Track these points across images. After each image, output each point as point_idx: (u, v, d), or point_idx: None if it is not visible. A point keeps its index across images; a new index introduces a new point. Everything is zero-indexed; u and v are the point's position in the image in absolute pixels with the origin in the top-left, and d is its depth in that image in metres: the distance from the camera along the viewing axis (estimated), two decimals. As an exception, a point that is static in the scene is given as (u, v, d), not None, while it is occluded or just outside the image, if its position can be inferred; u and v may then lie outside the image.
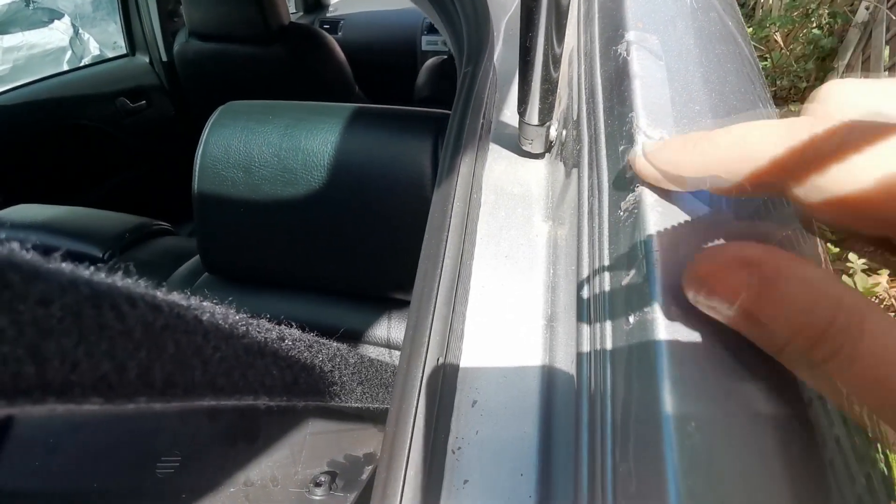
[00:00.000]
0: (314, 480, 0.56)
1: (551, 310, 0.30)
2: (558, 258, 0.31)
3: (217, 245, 0.61)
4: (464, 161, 0.33)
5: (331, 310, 0.61)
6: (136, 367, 0.13)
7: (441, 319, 0.27)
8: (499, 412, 0.27)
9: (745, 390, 0.19)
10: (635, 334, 0.20)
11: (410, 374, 0.25)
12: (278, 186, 0.56)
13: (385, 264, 0.57)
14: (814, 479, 0.18)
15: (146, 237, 0.79)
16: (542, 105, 0.32)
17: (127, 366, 0.12)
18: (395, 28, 2.03)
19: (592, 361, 0.22)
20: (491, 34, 0.41)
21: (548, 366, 0.28)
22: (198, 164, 0.58)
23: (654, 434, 0.17)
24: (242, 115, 0.58)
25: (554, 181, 0.35)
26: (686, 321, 0.19)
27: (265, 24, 1.39)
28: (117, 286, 0.13)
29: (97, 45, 2.57)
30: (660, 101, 0.26)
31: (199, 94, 1.59)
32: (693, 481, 0.16)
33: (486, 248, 0.33)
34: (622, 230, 0.23)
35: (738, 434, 0.18)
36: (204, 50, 1.48)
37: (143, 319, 0.13)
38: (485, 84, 0.37)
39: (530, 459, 0.25)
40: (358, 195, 0.54)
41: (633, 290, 0.21)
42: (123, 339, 0.12)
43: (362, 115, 0.55)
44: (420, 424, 0.24)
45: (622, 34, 0.30)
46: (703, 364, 0.19)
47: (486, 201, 0.35)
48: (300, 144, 0.55)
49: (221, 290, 0.63)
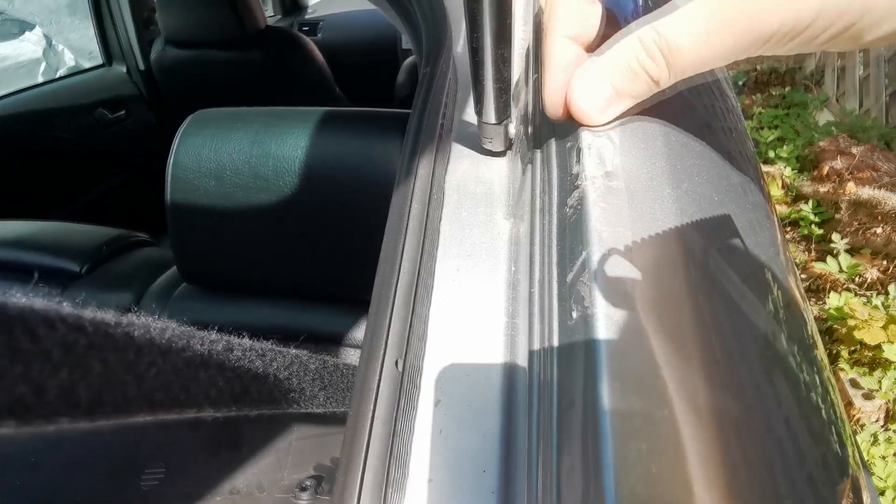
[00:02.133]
0: (300, 485, 0.56)
1: (512, 307, 0.30)
2: (519, 255, 0.31)
3: (192, 255, 0.61)
4: (422, 162, 0.33)
5: (309, 314, 0.61)
6: (57, 388, 0.13)
7: (399, 321, 0.27)
8: (462, 411, 0.27)
9: (687, 382, 0.19)
10: (578, 329, 0.20)
11: (367, 377, 0.25)
12: (251, 193, 0.55)
13: (360, 266, 0.57)
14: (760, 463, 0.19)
15: (124, 249, 0.79)
16: (498, 104, 0.32)
17: (46, 387, 0.12)
18: (375, 28, 2.02)
19: (542, 356, 0.23)
20: (449, 34, 0.42)
21: (509, 362, 0.28)
22: (169, 174, 0.57)
23: (594, 427, 0.18)
24: (212, 123, 0.58)
25: (514, 179, 0.36)
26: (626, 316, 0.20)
27: (241, 28, 1.38)
28: (33, 308, 0.13)
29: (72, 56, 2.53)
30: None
31: (178, 101, 1.58)
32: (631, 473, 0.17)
33: (448, 247, 0.33)
34: (569, 226, 0.24)
35: (679, 425, 0.18)
36: (181, 57, 1.47)
37: (63, 340, 0.13)
38: (443, 84, 0.37)
39: (493, 456, 0.26)
40: (329, 198, 0.54)
41: (578, 285, 0.21)
42: (40, 360, 0.12)
43: (330, 118, 0.55)
44: (378, 427, 0.24)
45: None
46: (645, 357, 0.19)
47: (449, 201, 0.35)
48: (270, 150, 0.55)
49: (199, 300, 0.63)
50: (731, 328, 0.21)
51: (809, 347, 0.26)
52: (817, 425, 0.23)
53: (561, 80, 0.24)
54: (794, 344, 0.24)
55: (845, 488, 0.22)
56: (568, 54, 0.24)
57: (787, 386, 0.23)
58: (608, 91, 0.23)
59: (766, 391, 0.21)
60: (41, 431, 0.25)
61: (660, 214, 0.23)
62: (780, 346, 0.23)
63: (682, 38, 0.21)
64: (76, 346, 0.13)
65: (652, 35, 0.21)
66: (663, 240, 0.22)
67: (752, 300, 0.24)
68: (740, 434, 0.19)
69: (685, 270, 0.22)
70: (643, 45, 0.22)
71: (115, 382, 0.15)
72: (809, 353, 0.26)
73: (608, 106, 0.24)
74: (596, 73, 0.23)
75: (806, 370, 0.24)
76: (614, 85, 0.23)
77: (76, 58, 2.49)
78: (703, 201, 0.25)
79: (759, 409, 0.20)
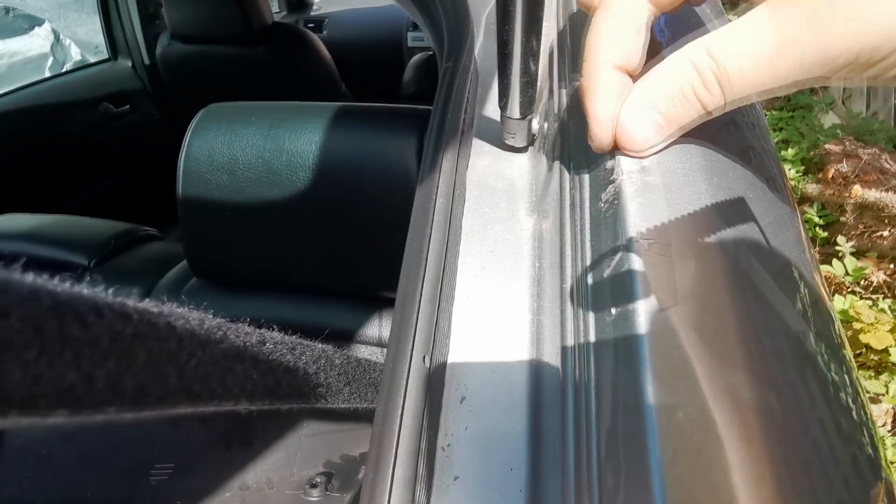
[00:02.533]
0: (310, 482, 0.56)
1: (537, 303, 0.30)
2: (543, 251, 0.31)
3: (204, 249, 0.61)
4: (446, 157, 0.32)
5: (321, 310, 0.61)
6: (105, 377, 0.12)
7: (426, 317, 0.27)
8: (487, 407, 0.27)
9: (728, 379, 0.19)
10: (618, 326, 0.20)
11: (396, 373, 0.24)
12: (263, 188, 0.55)
13: (374, 262, 0.57)
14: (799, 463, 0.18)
15: (133, 243, 0.79)
16: (523, 98, 0.32)
17: (94, 376, 0.12)
18: (380, 25, 2.02)
19: (577, 354, 0.22)
20: (471, 28, 0.41)
21: (535, 359, 0.28)
22: (181, 168, 0.57)
23: (639, 425, 0.18)
24: (225, 118, 0.58)
25: (537, 175, 0.35)
26: (667, 313, 0.19)
27: (248, 24, 1.37)
28: (82, 295, 0.12)
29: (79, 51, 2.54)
30: (638, 91, 0.26)
31: (183, 96, 1.57)
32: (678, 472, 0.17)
33: (471, 243, 0.33)
34: (603, 221, 0.23)
35: (722, 423, 0.18)
36: (187, 52, 1.47)
37: (111, 329, 0.13)
38: (465, 79, 0.37)
39: (520, 453, 0.25)
40: (344, 194, 0.53)
41: (615, 282, 0.21)
42: (89, 349, 0.12)
43: (346, 113, 0.55)
44: (408, 423, 0.23)
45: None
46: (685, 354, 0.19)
47: (470, 197, 0.35)
48: (284, 145, 0.54)
49: (210, 295, 0.63)
50: (765, 326, 0.21)
51: (837, 347, 0.26)
52: (848, 427, 0.23)
53: (609, 110, 0.23)
54: (822, 343, 0.24)
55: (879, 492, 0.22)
56: (615, 84, 0.23)
57: (819, 386, 0.22)
58: (658, 119, 0.22)
59: (800, 391, 0.21)
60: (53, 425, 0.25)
61: (697, 210, 0.22)
62: (809, 345, 0.23)
63: (741, 63, 0.19)
64: (123, 335, 0.13)
65: (707, 62, 0.20)
66: (700, 236, 0.22)
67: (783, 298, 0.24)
68: (781, 434, 0.19)
69: (722, 267, 0.22)
70: (698, 71, 0.20)
71: (158, 373, 0.14)
72: (838, 353, 0.26)
73: (658, 134, 0.23)
74: (645, 99, 0.22)
75: (835, 370, 0.24)
76: (664, 112, 0.22)
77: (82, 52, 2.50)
78: (736, 198, 0.24)
79: (796, 408, 0.20)
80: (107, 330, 0.13)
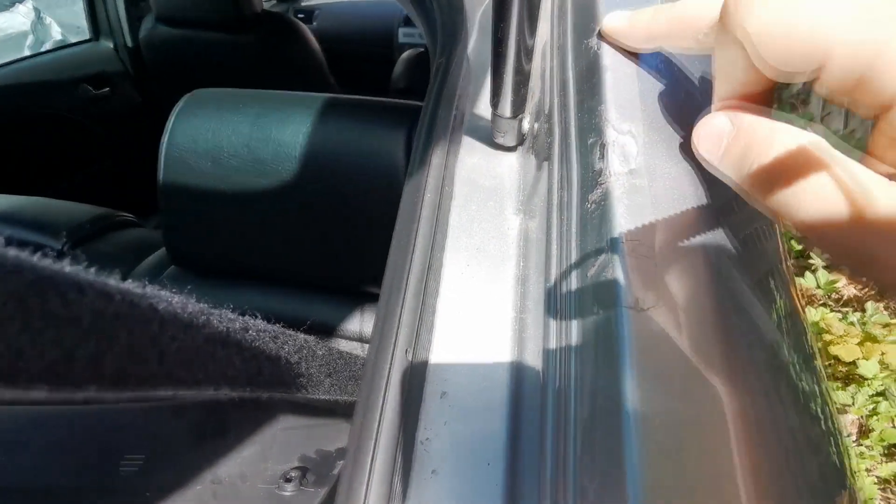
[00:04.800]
0: (284, 476, 0.55)
1: (521, 302, 0.30)
2: (529, 251, 0.31)
3: (184, 236, 0.59)
4: (435, 153, 0.32)
5: (302, 303, 0.60)
6: (86, 357, 0.12)
7: (410, 311, 0.27)
8: (468, 403, 0.27)
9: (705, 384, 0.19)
10: (600, 326, 0.20)
11: (378, 366, 0.24)
12: (248, 177, 0.54)
13: (357, 257, 0.56)
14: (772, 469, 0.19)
15: (109, 228, 0.77)
16: (515, 97, 0.32)
17: (75, 354, 0.12)
18: (371, 20, 2.01)
19: (559, 353, 0.23)
20: (465, 25, 0.41)
21: (517, 357, 0.28)
22: (163, 153, 0.56)
23: (616, 427, 0.18)
24: (211, 103, 0.57)
25: (526, 174, 0.35)
26: (649, 315, 0.20)
27: (237, 10, 1.35)
28: (64, 272, 0.12)
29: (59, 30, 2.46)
30: (629, 95, 0.26)
31: (166, 81, 1.54)
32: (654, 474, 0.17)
33: (457, 240, 0.33)
34: (590, 223, 0.24)
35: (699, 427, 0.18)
36: (172, 36, 1.44)
37: (93, 307, 0.13)
38: (457, 76, 0.37)
39: (498, 449, 0.25)
40: (330, 186, 0.53)
41: (599, 282, 0.21)
42: (71, 327, 0.12)
43: (335, 105, 0.55)
44: (388, 416, 0.23)
45: (594, 28, 0.30)
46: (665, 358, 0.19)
47: (459, 194, 0.35)
48: (271, 134, 0.54)
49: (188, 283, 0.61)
50: (742, 333, 0.22)
51: (810, 357, 0.27)
52: (818, 435, 0.24)
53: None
54: (796, 353, 0.25)
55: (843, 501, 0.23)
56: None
57: (791, 394, 0.23)
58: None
59: (773, 398, 0.22)
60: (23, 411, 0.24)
61: (682, 215, 0.23)
62: (783, 354, 0.24)
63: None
64: (104, 314, 0.13)
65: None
66: (685, 240, 0.22)
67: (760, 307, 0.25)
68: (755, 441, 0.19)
69: (704, 273, 0.22)
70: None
71: (139, 355, 0.14)
72: (810, 363, 0.26)
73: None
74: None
75: (807, 380, 0.25)
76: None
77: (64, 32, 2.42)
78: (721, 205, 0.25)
79: (770, 416, 0.21)
80: (88, 308, 0.12)
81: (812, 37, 0.16)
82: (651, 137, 0.25)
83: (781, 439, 0.20)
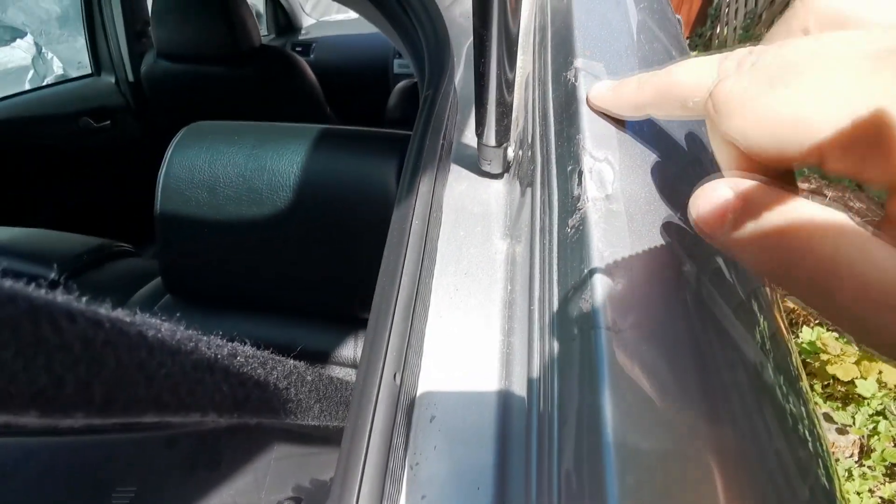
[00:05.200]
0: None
1: (508, 325, 0.31)
2: (515, 274, 0.32)
3: (180, 266, 0.60)
4: (423, 180, 0.33)
5: (297, 330, 0.60)
6: (75, 382, 0.13)
7: (398, 335, 0.27)
8: (457, 427, 0.27)
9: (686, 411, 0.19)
10: (580, 350, 0.21)
11: (366, 391, 0.25)
12: (243, 206, 0.55)
13: (350, 284, 0.57)
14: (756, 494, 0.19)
15: (106, 259, 0.77)
16: (499, 127, 0.33)
17: (65, 380, 0.12)
18: (367, 51, 2.05)
19: (542, 377, 0.23)
20: (451, 59, 0.43)
21: (505, 380, 0.28)
22: (160, 184, 0.57)
23: (597, 457, 0.18)
24: (208, 135, 0.58)
25: (512, 200, 0.36)
26: (626, 336, 0.20)
27: (236, 46, 1.39)
28: (56, 301, 0.13)
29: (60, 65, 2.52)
30: (605, 124, 0.27)
31: (167, 114, 1.57)
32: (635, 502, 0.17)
33: (446, 265, 0.34)
34: (570, 247, 0.24)
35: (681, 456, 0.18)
36: (173, 70, 1.47)
37: (83, 335, 0.13)
38: (445, 106, 0.38)
39: (487, 473, 0.26)
40: (323, 215, 0.54)
41: (579, 306, 0.22)
42: (62, 353, 0.12)
43: (328, 135, 0.56)
44: (376, 440, 0.24)
45: (571, 61, 0.31)
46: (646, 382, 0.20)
47: (447, 220, 0.36)
48: (266, 164, 0.55)
49: (183, 312, 0.62)
50: (724, 356, 0.22)
51: (795, 379, 0.27)
52: (805, 458, 0.24)
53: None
54: (780, 375, 0.25)
55: None
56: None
57: (776, 417, 0.23)
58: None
59: (756, 421, 0.22)
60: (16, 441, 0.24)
61: (657, 238, 0.23)
62: (767, 376, 0.24)
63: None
64: (94, 342, 0.13)
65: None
66: (661, 263, 0.23)
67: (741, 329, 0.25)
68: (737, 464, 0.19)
69: (683, 296, 0.22)
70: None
71: (126, 380, 0.15)
72: (795, 385, 0.26)
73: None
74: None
75: (793, 402, 0.25)
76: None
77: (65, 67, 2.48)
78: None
79: (752, 439, 0.21)
80: (79, 336, 0.13)
81: (798, 131, 0.16)
82: (626, 164, 0.26)
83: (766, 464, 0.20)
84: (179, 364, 0.17)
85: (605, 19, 0.38)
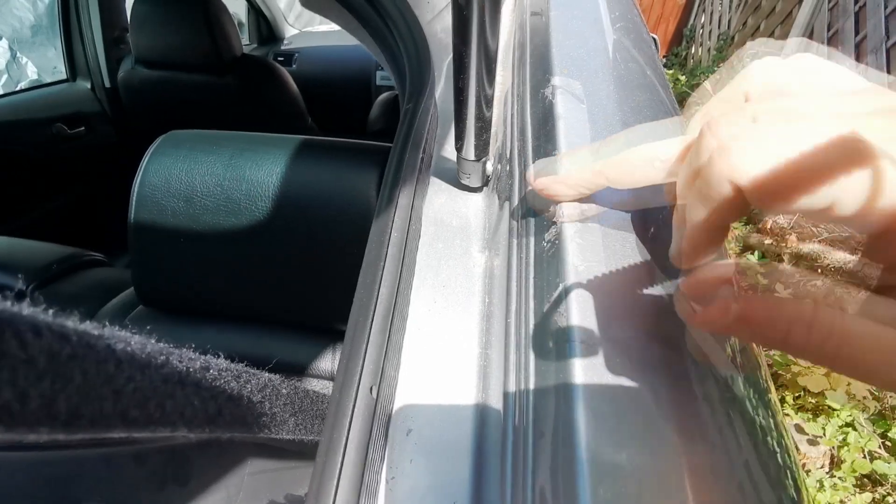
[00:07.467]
0: (251, 523, 0.53)
1: (486, 338, 0.31)
2: (493, 287, 0.32)
3: (154, 276, 0.59)
4: (403, 193, 0.34)
5: (273, 342, 0.60)
6: (39, 397, 0.12)
7: (375, 347, 0.27)
8: (433, 440, 0.27)
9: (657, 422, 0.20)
10: (555, 362, 0.21)
11: (342, 404, 0.25)
12: (220, 217, 0.55)
13: (329, 296, 0.56)
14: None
15: (76, 268, 0.75)
16: (478, 142, 0.34)
17: (29, 395, 0.12)
18: (349, 63, 2.06)
19: (518, 390, 0.23)
20: (432, 74, 0.43)
21: (482, 393, 0.29)
22: (135, 192, 0.56)
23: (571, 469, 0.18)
24: (185, 144, 0.57)
25: (491, 214, 0.37)
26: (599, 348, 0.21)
27: (217, 54, 1.38)
28: (21, 314, 0.12)
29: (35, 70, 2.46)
30: (581, 141, 0.28)
31: (144, 121, 1.55)
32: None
33: (424, 278, 0.34)
34: (546, 260, 0.25)
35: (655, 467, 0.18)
36: (151, 77, 1.45)
37: (48, 349, 0.13)
38: (425, 120, 0.38)
39: (463, 487, 0.25)
40: (302, 226, 0.54)
41: (554, 319, 0.22)
42: (25, 367, 0.12)
43: (308, 146, 0.56)
44: (351, 454, 0.23)
45: (549, 79, 0.32)
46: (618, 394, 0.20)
47: (426, 233, 0.36)
48: (244, 174, 0.54)
49: (156, 323, 0.60)
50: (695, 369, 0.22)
51: (764, 392, 0.28)
52: (774, 469, 0.24)
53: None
54: (750, 387, 0.25)
55: None
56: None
57: (746, 429, 0.23)
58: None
59: (727, 433, 0.22)
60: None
61: (631, 253, 0.24)
62: (737, 388, 0.24)
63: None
64: (60, 355, 0.13)
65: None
66: (634, 278, 0.23)
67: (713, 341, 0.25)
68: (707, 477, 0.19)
69: (654, 309, 0.23)
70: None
71: (93, 395, 0.14)
72: (764, 397, 0.27)
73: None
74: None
75: (762, 414, 0.25)
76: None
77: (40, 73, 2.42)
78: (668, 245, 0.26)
79: (723, 451, 0.21)
80: (44, 350, 0.13)
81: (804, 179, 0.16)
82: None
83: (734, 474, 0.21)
84: (149, 378, 0.16)
85: (582, 38, 0.39)
